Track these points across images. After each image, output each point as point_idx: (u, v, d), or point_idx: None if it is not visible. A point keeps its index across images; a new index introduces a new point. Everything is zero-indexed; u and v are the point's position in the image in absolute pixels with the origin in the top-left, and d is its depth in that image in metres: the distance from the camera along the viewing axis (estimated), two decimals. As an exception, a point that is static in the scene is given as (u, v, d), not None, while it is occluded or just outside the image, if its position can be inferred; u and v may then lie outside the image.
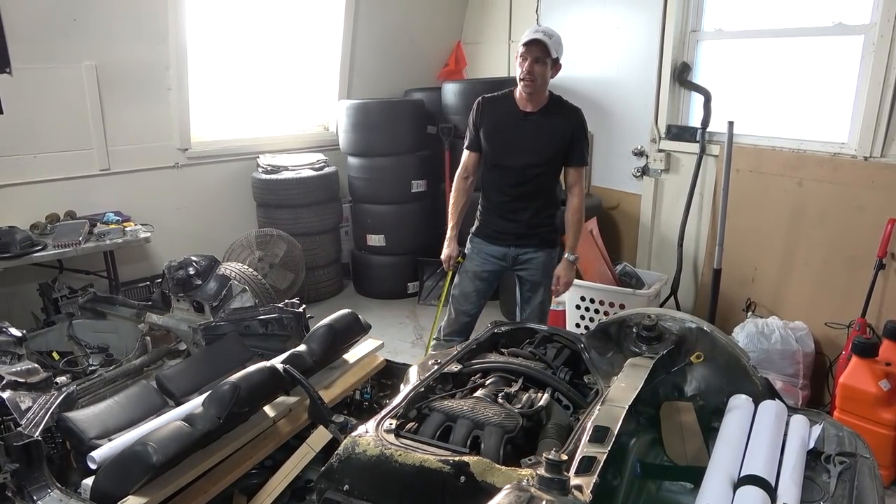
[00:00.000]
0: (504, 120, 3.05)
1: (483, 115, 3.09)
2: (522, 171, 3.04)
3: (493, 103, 3.10)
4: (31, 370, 2.41)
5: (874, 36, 3.46)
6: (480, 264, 3.19)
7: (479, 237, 3.22)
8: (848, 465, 1.64)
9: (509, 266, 3.19)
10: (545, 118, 3.01)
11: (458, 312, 3.24)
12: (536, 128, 3.01)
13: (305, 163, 5.13)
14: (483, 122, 3.09)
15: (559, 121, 3.03)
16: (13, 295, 4.10)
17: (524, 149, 3.02)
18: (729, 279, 4.06)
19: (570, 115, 3.07)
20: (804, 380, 3.59)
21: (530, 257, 3.13)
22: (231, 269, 3.87)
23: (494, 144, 3.08)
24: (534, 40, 2.85)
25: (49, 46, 4.01)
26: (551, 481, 1.21)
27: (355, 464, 1.55)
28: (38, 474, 1.89)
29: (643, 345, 2.00)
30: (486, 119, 3.08)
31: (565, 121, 3.04)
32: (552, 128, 3.02)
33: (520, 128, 3.03)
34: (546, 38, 2.85)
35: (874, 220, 3.46)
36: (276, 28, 5.22)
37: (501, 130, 3.07)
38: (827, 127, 3.81)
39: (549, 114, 3.03)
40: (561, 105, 3.09)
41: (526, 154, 3.02)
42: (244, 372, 2.07)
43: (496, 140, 3.08)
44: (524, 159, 3.02)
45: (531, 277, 3.17)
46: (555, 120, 3.02)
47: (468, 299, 3.21)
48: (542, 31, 2.89)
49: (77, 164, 4.30)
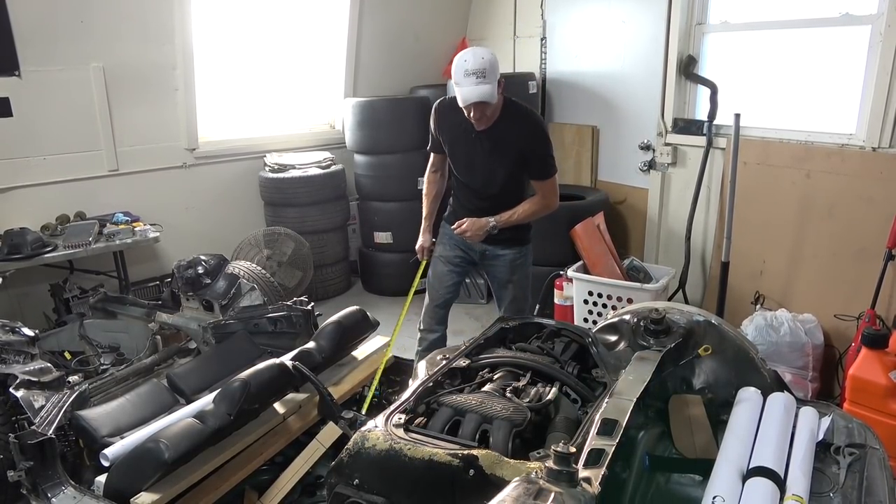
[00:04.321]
0: (459, 136, 2.96)
1: (441, 123, 3.01)
2: (482, 188, 3.00)
3: (451, 113, 2.94)
4: (44, 369, 2.44)
5: (881, 26, 3.43)
6: (452, 248, 3.18)
7: (448, 224, 3.19)
8: (858, 457, 1.63)
9: (477, 259, 3.18)
10: (493, 138, 2.88)
11: (433, 297, 3.24)
12: (489, 145, 2.89)
13: (312, 161, 5.14)
14: (441, 132, 3.03)
15: (512, 134, 2.87)
16: (25, 296, 4.14)
17: (480, 168, 2.96)
18: (737, 272, 4.05)
19: (525, 125, 2.90)
20: (814, 372, 3.58)
21: (498, 254, 3.13)
22: (240, 267, 3.89)
23: (453, 159, 3.05)
24: (475, 104, 2.68)
25: (56, 49, 4.04)
26: (560, 473, 1.21)
27: (365, 458, 1.56)
28: (52, 472, 1.92)
29: (651, 338, 2.00)
30: (445, 129, 3.01)
31: (519, 134, 2.88)
32: (501, 148, 2.89)
33: (472, 147, 2.93)
34: (485, 90, 2.64)
35: (883, 211, 3.44)
36: (282, 27, 5.23)
37: (457, 147, 3.00)
38: (834, 118, 3.78)
39: (501, 128, 2.87)
40: (516, 114, 2.90)
41: (483, 173, 2.96)
42: (254, 369, 2.09)
43: (453, 155, 3.04)
44: (482, 177, 2.98)
45: (499, 275, 3.17)
46: (507, 134, 2.88)
47: (443, 282, 3.21)
48: (480, 79, 2.64)
49: (86, 165, 4.33)
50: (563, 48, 5.23)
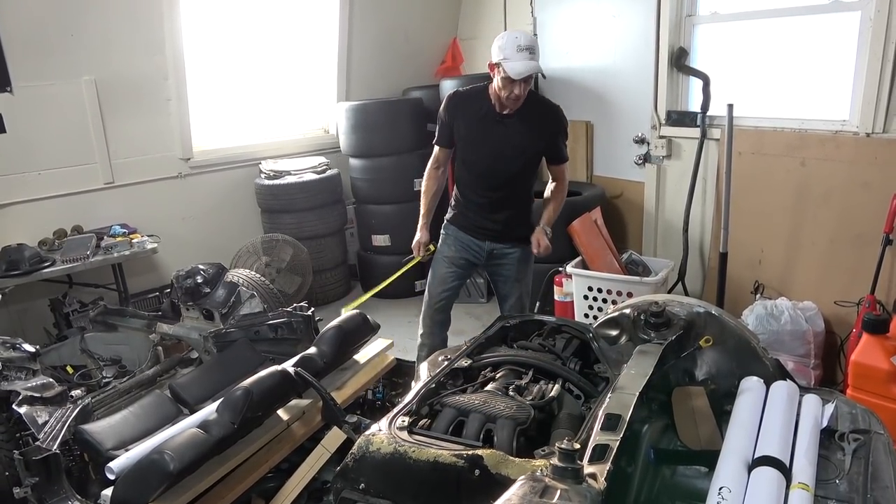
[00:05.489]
0: (479, 122, 2.93)
1: (456, 112, 2.99)
2: (499, 176, 2.97)
3: (468, 101, 2.96)
4: (47, 385, 2.44)
5: (871, 11, 3.43)
6: (457, 250, 3.16)
7: (454, 225, 3.17)
8: (862, 442, 1.63)
9: (483, 261, 3.16)
10: (523, 120, 2.89)
11: (433, 298, 3.21)
12: (513, 131, 2.90)
13: (307, 166, 5.14)
14: (456, 121, 2.99)
15: (538, 123, 2.91)
16: (25, 311, 4.13)
17: (500, 153, 2.93)
18: (736, 262, 4.05)
19: (550, 114, 2.97)
20: (816, 359, 3.58)
21: (506, 252, 3.11)
22: (238, 275, 3.89)
23: (469, 146, 3.00)
24: (525, 79, 2.73)
25: (48, 63, 4.03)
26: (565, 470, 1.22)
27: (370, 462, 1.56)
28: (58, 487, 1.92)
29: (652, 331, 2.00)
30: (460, 118, 2.98)
31: (544, 122, 2.93)
32: (530, 130, 2.90)
33: (496, 131, 2.91)
34: (537, 64, 2.72)
35: (879, 196, 3.45)
36: (273, 34, 5.23)
37: (476, 133, 2.95)
38: (827, 105, 3.79)
39: (527, 115, 2.89)
40: (540, 104, 2.95)
41: (502, 159, 2.94)
42: (256, 377, 2.08)
43: (470, 142, 2.98)
44: (500, 164, 2.95)
45: (507, 273, 3.15)
46: (533, 122, 2.90)
47: (444, 284, 3.18)
48: (531, 55, 2.72)
49: (81, 178, 4.33)
50: (554, 45, 5.23)
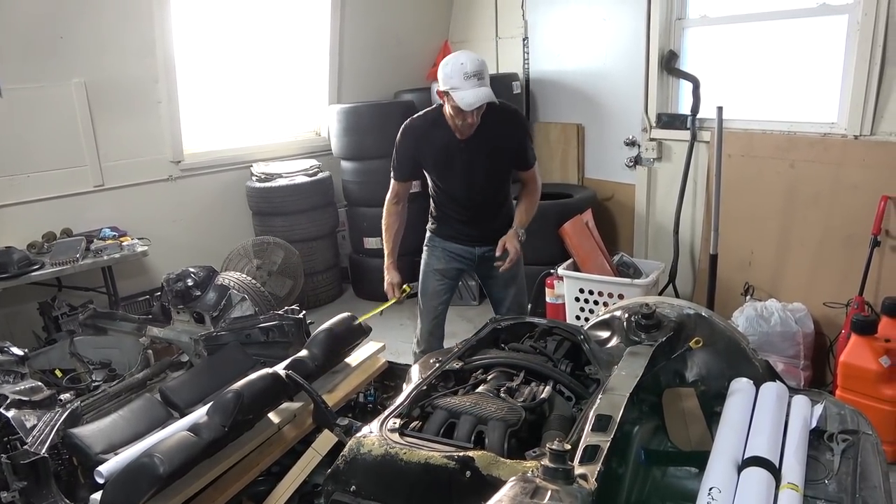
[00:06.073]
0: (442, 151, 2.88)
1: (418, 146, 2.92)
2: (473, 197, 2.96)
3: (426, 132, 2.89)
4: (35, 388, 2.42)
5: (858, 15, 3.47)
6: (447, 262, 3.12)
7: (439, 237, 3.13)
8: (851, 443, 1.64)
9: (473, 266, 3.14)
10: (484, 138, 2.83)
11: (428, 313, 3.15)
12: (479, 156, 2.85)
13: (299, 169, 5.14)
14: (419, 154, 2.94)
15: (499, 133, 2.84)
16: (13, 315, 4.10)
17: (471, 181, 2.91)
18: (726, 264, 4.07)
19: (509, 121, 2.89)
20: (805, 360, 3.60)
21: (497, 255, 3.08)
22: (229, 278, 3.86)
23: (437, 174, 2.97)
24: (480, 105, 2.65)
25: (37, 66, 4.01)
26: (556, 471, 1.21)
27: (361, 464, 1.56)
28: (46, 491, 1.90)
29: (642, 333, 2.00)
30: (423, 150, 2.92)
31: (506, 132, 2.86)
32: (494, 143, 2.85)
33: (461, 157, 2.86)
34: (487, 91, 2.64)
35: (867, 197, 3.48)
36: (264, 36, 5.23)
37: (442, 163, 2.92)
38: (816, 108, 3.82)
39: (487, 130, 2.81)
40: (497, 113, 2.82)
41: (474, 185, 2.92)
42: (247, 380, 2.07)
43: (439, 171, 2.96)
44: (473, 189, 2.93)
45: (501, 275, 3.09)
46: (494, 134, 2.83)
47: (438, 297, 3.15)
48: (480, 81, 2.63)
49: (71, 181, 4.30)
50: (545, 48, 5.25)
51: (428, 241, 3.19)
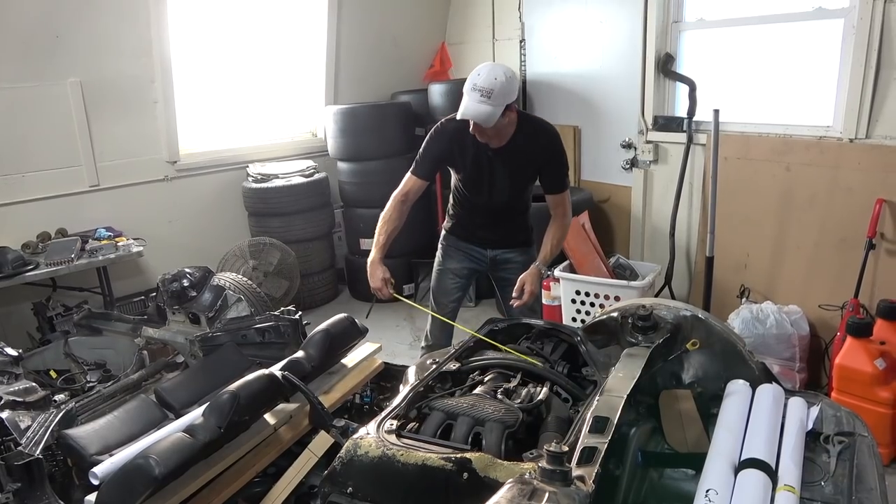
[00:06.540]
0: (472, 158, 2.84)
1: (452, 147, 2.86)
2: (496, 206, 2.95)
3: (460, 134, 2.78)
4: (29, 389, 2.40)
5: (854, 19, 3.48)
6: (460, 261, 3.13)
7: (454, 235, 3.14)
8: (847, 445, 1.65)
9: (487, 268, 3.14)
10: (515, 152, 2.80)
11: (439, 310, 3.15)
12: (506, 164, 2.82)
13: (295, 170, 5.13)
14: (449, 156, 2.91)
15: (531, 150, 2.80)
16: (8, 315, 4.09)
17: (494, 185, 2.89)
18: (722, 266, 4.09)
19: (542, 139, 2.84)
20: (801, 363, 3.61)
21: (510, 257, 3.10)
22: (225, 279, 3.86)
23: (464, 178, 2.95)
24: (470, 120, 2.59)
25: (33, 65, 4.00)
26: (553, 473, 1.21)
27: (358, 466, 1.55)
28: (41, 493, 1.89)
29: (639, 335, 2.00)
30: (456, 152, 2.88)
31: (537, 149, 2.81)
32: (523, 159, 2.82)
33: (489, 166, 2.84)
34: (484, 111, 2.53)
35: (862, 200, 3.49)
36: (260, 36, 5.22)
37: (471, 171, 2.89)
38: (812, 111, 3.84)
39: (519, 145, 2.79)
40: (532, 129, 2.82)
41: (496, 189, 2.90)
42: (243, 380, 2.06)
43: (465, 175, 2.93)
44: (497, 197, 2.92)
45: (513, 277, 3.06)
46: (526, 150, 2.80)
47: (450, 296, 3.16)
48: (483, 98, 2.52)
49: (66, 181, 4.29)
50: (542, 50, 5.26)
51: (443, 239, 3.20)
